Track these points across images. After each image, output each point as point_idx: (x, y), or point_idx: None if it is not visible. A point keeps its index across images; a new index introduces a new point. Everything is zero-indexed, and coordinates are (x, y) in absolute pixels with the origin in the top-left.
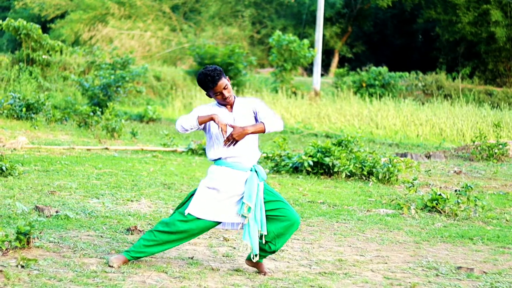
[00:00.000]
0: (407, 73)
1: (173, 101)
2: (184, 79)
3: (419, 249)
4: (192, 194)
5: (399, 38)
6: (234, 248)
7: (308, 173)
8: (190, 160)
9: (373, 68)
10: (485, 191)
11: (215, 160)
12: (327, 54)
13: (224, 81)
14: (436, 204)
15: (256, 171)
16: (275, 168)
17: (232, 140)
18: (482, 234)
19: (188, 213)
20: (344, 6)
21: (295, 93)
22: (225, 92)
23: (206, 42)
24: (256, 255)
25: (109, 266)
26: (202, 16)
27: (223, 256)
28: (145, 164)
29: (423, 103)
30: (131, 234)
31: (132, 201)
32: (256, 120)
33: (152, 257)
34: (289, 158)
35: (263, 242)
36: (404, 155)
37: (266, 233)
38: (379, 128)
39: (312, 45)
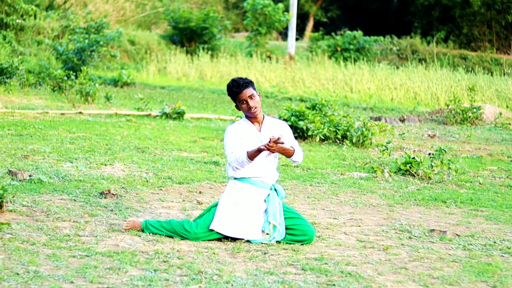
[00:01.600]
0: (382, 37)
1: (148, 66)
2: (159, 43)
3: (392, 212)
4: (213, 207)
5: (374, 2)
6: None
7: None
8: (164, 124)
9: (348, 32)
10: (458, 154)
11: (238, 178)
12: (302, 18)
13: (251, 91)
14: (410, 167)
15: (276, 190)
16: None
17: (272, 145)
18: (455, 197)
19: (212, 229)
20: None
21: (269, 57)
22: (250, 102)
23: (180, 6)
24: None
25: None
26: None
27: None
28: (119, 128)
29: (397, 67)
30: (105, 197)
31: (105, 165)
32: None
33: (125, 220)
34: None
35: None
36: (378, 118)
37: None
38: (354, 92)
39: (287, 9)
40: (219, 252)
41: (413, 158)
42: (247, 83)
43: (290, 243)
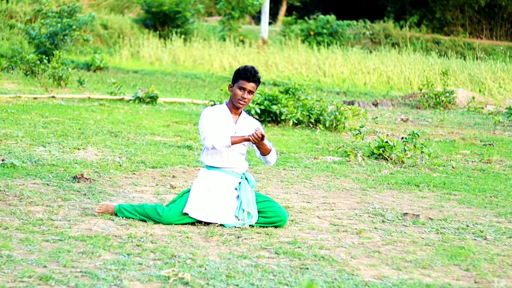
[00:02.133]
0: (355, 22)
1: (121, 50)
2: (132, 27)
3: (366, 196)
4: (185, 193)
5: None
6: None
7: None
8: (137, 108)
9: (321, 16)
10: (431, 138)
11: (208, 166)
12: (275, 2)
13: (255, 88)
14: (383, 151)
15: (246, 178)
16: None
17: (259, 137)
18: (428, 181)
19: (185, 213)
20: None
21: (242, 41)
22: (247, 95)
23: None
24: None
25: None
26: None
27: None
28: (92, 113)
29: (370, 52)
30: (78, 182)
31: (78, 149)
32: None
33: (97, 205)
34: None
35: None
36: (351, 103)
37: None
38: (327, 76)
39: None
40: (192, 236)
41: (386, 142)
42: (258, 80)
43: (264, 226)
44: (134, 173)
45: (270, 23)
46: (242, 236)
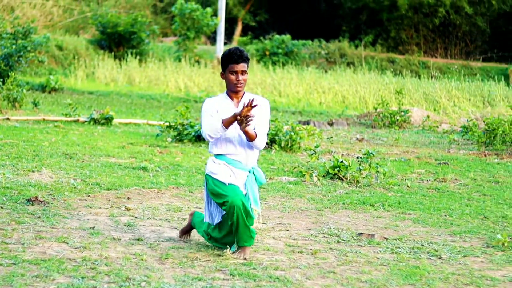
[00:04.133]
0: (310, 41)
1: (76, 71)
2: (87, 48)
3: (321, 216)
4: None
5: (302, 6)
6: (136, 217)
7: None
8: (92, 129)
9: (276, 36)
10: (386, 157)
11: (216, 155)
12: (230, 22)
13: (245, 67)
14: (338, 171)
15: (254, 174)
16: (177, 137)
17: (245, 112)
18: (383, 200)
19: (228, 183)
20: None
21: (198, 61)
22: (240, 76)
23: (108, 11)
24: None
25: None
26: None
27: (125, 225)
28: (47, 134)
29: (326, 71)
30: (32, 204)
31: (33, 171)
32: None
33: (52, 228)
34: (192, 126)
35: None
36: (307, 122)
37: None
38: (282, 96)
39: (215, 14)
40: (147, 258)
41: (342, 162)
42: (246, 58)
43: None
44: (89, 195)
45: (225, 43)
46: (197, 258)
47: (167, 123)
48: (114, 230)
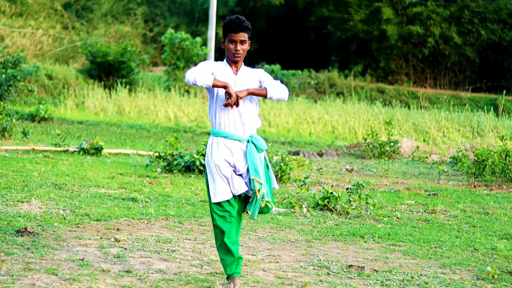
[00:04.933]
0: (299, 71)
1: (65, 100)
2: (76, 77)
3: (311, 248)
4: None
5: (291, 36)
6: (126, 249)
7: (200, 172)
8: (82, 160)
9: (266, 66)
10: (376, 188)
11: (214, 129)
12: (220, 52)
13: (245, 36)
14: (328, 202)
15: (253, 143)
16: (167, 168)
17: (233, 100)
18: (373, 232)
19: (215, 202)
20: (237, 4)
21: (188, 91)
22: (239, 45)
23: (98, 40)
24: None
25: None
26: (94, 14)
27: (114, 257)
28: (36, 164)
29: (315, 101)
30: (21, 236)
31: (22, 202)
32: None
33: (41, 259)
34: (181, 157)
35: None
36: (296, 153)
37: (277, 187)
38: (272, 126)
39: (205, 43)
40: None
41: (331, 193)
42: (247, 27)
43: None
44: (78, 226)
45: None
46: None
47: (157, 154)
48: (104, 261)
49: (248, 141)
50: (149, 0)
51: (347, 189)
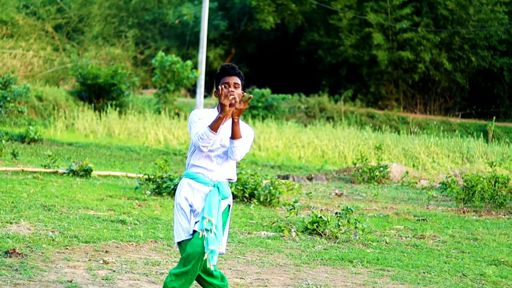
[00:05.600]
0: (290, 95)
1: (55, 122)
2: (67, 99)
3: (299, 272)
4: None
5: (282, 60)
6: (114, 271)
7: None
8: (71, 181)
9: (256, 90)
10: (365, 213)
11: (186, 171)
12: (211, 75)
13: (239, 82)
14: (317, 226)
15: (218, 188)
16: (156, 190)
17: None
18: (362, 256)
19: (177, 242)
20: (228, 28)
21: (178, 114)
22: (232, 87)
23: (89, 62)
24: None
25: None
26: (85, 36)
27: (103, 279)
28: (26, 186)
29: (305, 125)
30: (10, 257)
31: (11, 223)
32: None
33: (30, 280)
34: (171, 180)
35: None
36: (286, 177)
37: (224, 252)
38: (262, 150)
39: (195, 66)
40: None
41: (320, 217)
42: (239, 73)
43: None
44: (67, 248)
45: (205, 96)
46: None
47: (146, 176)
48: (92, 284)
49: (214, 186)
50: (140, 23)
51: (336, 213)
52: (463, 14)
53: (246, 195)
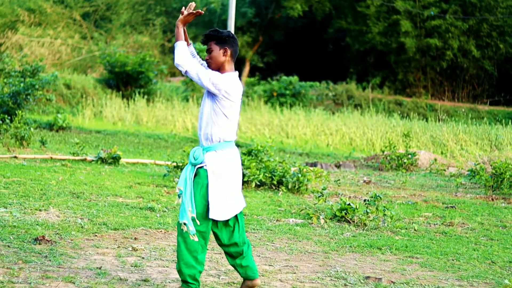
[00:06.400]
0: (317, 83)
1: (83, 110)
2: (95, 87)
3: (328, 259)
4: None
5: (310, 48)
6: (143, 258)
7: None
8: (100, 169)
9: (284, 77)
10: (394, 200)
11: None
12: (238, 63)
13: (211, 43)
14: (345, 213)
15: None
16: None
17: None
18: (390, 243)
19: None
20: (255, 16)
21: None
22: (208, 55)
23: (116, 50)
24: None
25: None
26: (113, 24)
27: (132, 266)
28: (54, 173)
29: (333, 113)
30: (39, 244)
31: (40, 210)
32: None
33: (59, 267)
34: None
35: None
36: (314, 164)
37: (216, 218)
38: (290, 137)
39: None
40: None
41: (349, 204)
42: (209, 35)
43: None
44: (96, 235)
45: None
46: None
47: (175, 164)
48: (121, 270)
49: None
50: (168, 11)
51: (364, 200)
52: (491, 1)
53: (275, 182)
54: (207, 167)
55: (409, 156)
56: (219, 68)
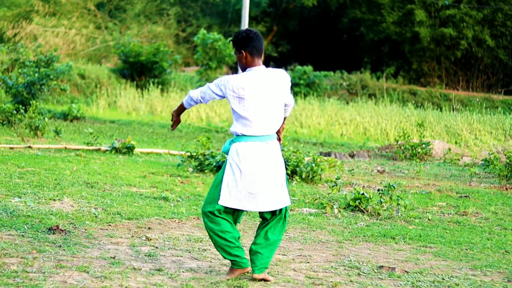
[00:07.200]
0: (332, 73)
1: (98, 100)
2: (109, 77)
3: (342, 249)
4: None
5: (324, 38)
6: (157, 247)
7: None
8: (114, 158)
9: (298, 67)
10: (407, 190)
11: None
12: None
13: (235, 52)
14: (359, 203)
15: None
16: (198, 167)
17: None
18: (404, 233)
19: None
20: (270, 5)
21: None
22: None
23: (131, 40)
24: None
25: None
26: (127, 14)
27: (145, 255)
28: (68, 163)
29: (347, 102)
30: (53, 233)
31: (54, 200)
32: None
33: (73, 257)
34: (213, 157)
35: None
36: (328, 154)
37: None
38: (304, 127)
39: None
40: None
41: (363, 194)
42: (231, 42)
43: None
44: (110, 225)
45: None
46: (216, 286)
47: (189, 153)
48: (135, 260)
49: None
50: (182, 1)
51: (378, 190)
52: None
53: (288, 171)
54: (227, 156)
55: (423, 145)
56: (245, 69)
